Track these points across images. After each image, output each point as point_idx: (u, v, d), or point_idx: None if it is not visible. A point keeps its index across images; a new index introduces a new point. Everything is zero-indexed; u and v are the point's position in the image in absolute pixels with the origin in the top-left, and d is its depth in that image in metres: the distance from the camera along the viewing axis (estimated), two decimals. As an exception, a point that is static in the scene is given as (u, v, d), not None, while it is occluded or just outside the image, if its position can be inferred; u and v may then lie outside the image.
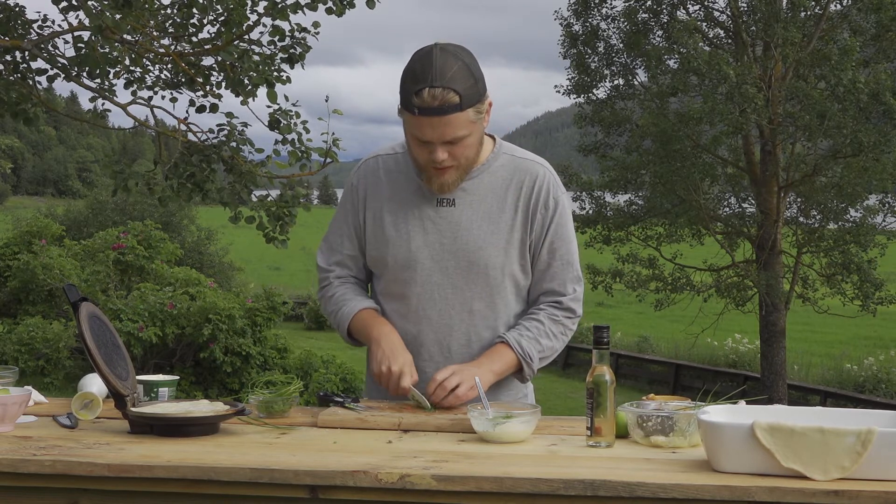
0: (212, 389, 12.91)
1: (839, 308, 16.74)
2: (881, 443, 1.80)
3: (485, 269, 2.51)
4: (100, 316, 2.37)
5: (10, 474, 1.96)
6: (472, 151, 2.46)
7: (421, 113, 2.36)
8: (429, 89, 2.33)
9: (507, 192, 2.54)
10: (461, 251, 2.51)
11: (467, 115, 2.37)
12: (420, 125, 2.38)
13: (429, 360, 2.53)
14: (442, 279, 2.52)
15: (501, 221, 2.52)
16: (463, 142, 2.41)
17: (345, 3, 7.44)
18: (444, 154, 2.41)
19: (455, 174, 2.48)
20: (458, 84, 2.34)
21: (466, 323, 2.53)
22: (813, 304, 16.92)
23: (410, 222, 2.54)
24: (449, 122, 2.36)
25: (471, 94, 2.36)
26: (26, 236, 15.02)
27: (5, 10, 7.23)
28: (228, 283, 23.47)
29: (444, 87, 2.33)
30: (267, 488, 1.90)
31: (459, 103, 2.34)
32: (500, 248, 2.51)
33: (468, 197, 2.53)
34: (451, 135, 2.38)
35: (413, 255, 2.52)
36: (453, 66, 2.35)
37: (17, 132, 52.18)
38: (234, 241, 30.99)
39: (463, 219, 2.52)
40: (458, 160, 2.45)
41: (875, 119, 15.48)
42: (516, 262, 2.54)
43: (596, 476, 1.84)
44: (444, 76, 2.33)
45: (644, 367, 21.98)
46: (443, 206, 2.53)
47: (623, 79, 17.44)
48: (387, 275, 2.58)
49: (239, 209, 7.65)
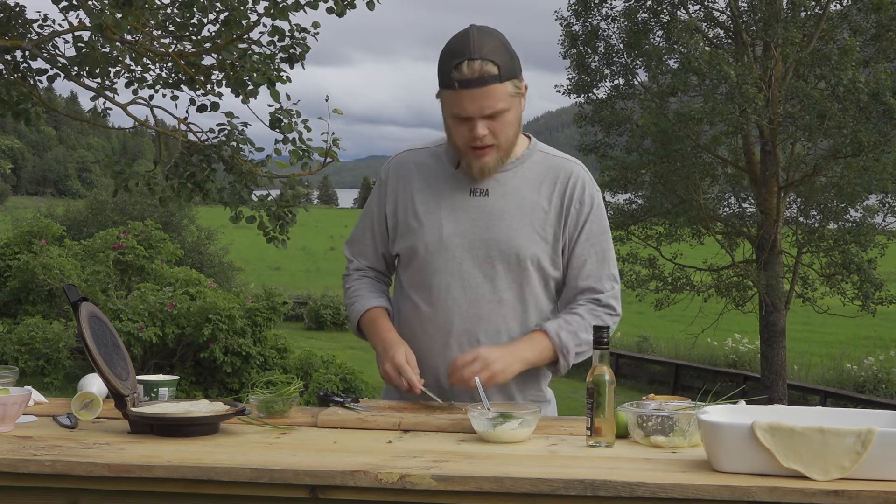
0: (212, 389, 12.92)
1: (839, 308, 16.74)
2: (881, 443, 1.81)
3: (516, 260, 2.50)
4: (100, 316, 2.37)
5: (10, 474, 1.96)
6: (511, 131, 2.46)
7: (461, 86, 2.38)
8: (468, 62, 2.37)
9: (541, 186, 2.54)
10: (493, 240, 2.50)
11: (506, 87, 2.39)
12: (460, 99, 2.40)
13: (457, 349, 2.51)
14: (472, 268, 2.51)
15: (535, 214, 2.52)
16: (503, 117, 2.42)
17: (346, 3, 7.43)
18: (485, 130, 2.42)
19: (495, 155, 2.48)
20: (497, 56, 2.38)
21: (496, 313, 2.51)
22: (813, 304, 16.92)
23: (443, 210, 2.54)
24: (489, 93, 2.38)
25: (509, 66, 2.39)
26: (26, 236, 15.02)
27: (5, 10, 7.22)
28: (228, 283, 23.50)
29: (483, 59, 2.36)
30: (267, 488, 1.90)
31: (499, 74, 2.37)
32: (532, 240, 2.51)
33: (502, 188, 2.53)
34: (492, 107, 2.40)
35: (444, 243, 2.52)
36: (491, 41, 2.39)
37: (17, 132, 52.20)
38: (234, 241, 31.01)
39: (496, 209, 2.51)
40: (499, 138, 2.45)
41: (875, 119, 15.48)
42: (548, 257, 2.53)
43: (596, 476, 1.84)
44: (482, 49, 2.37)
45: (644, 367, 21.99)
46: (476, 195, 2.53)
47: (623, 79, 17.44)
48: (416, 263, 2.57)
49: (239, 209, 7.64)
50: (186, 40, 7.72)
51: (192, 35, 7.68)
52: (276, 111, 7.60)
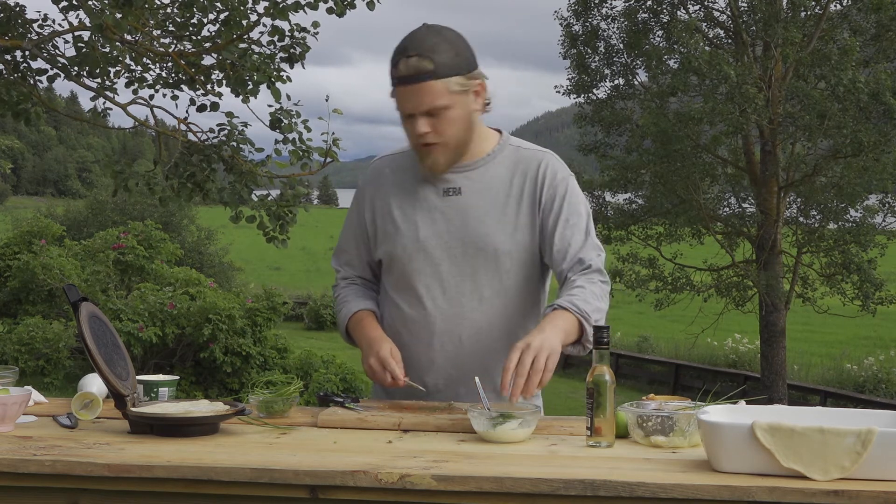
0: (212, 389, 12.91)
1: (839, 308, 16.73)
2: (881, 443, 1.80)
3: (494, 256, 2.50)
4: (100, 316, 2.37)
5: (10, 474, 1.96)
6: (456, 128, 2.45)
7: (398, 83, 2.40)
8: (405, 59, 2.38)
9: (513, 178, 2.54)
10: (469, 238, 2.51)
11: (445, 84, 2.38)
12: (400, 96, 2.42)
13: (440, 349, 2.52)
14: (451, 267, 2.51)
15: (508, 207, 2.52)
16: (444, 114, 2.41)
17: (346, 3, 7.43)
18: (426, 127, 2.42)
19: (443, 153, 2.47)
20: (435, 53, 2.36)
21: (477, 311, 2.52)
22: (813, 304, 16.92)
23: (418, 213, 2.54)
24: (424, 90, 2.38)
25: (449, 63, 2.38)
26: (26, 236, 15.02)
27: (5, 10, 7.22)
28: (228, 283, 23.50)
29: (419, 56, 2.36)
30: (267, 488, 1.90)
31: (433, 70, 2.36)
32: (508, 234, 2.51)
33: (474, 185, 2.53)
34: (429, 104, 2.39)
35: (421, 245, 2.52)
36: (434, 39, 2.38)
37: (17, 132, 52.18)
38: (234, 241, 31.01)
39: (470, 206, 2.52)
40: (443, 136, 2.44)
41: (875, 119, 15.48)
42: (526, 249, 2.52)
43: (596, 476, 1.84)
44: (421, 46, 2.37)
45: (644, 367, 21.98)
46: (449, 195, 2.53)
47: (623, 79, 17.44)
48: (396, 266, 2.57)
49: (239, 209, 7.64)
50: (186, 40, 7.72)
51: (192, 35, 7.68)
52: (276, 111, 7.60)
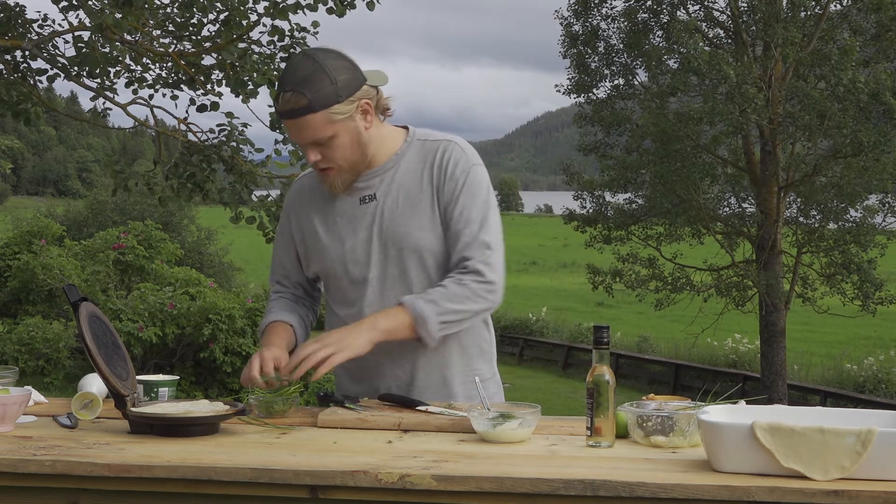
0: (212, 389, 12.90)
1: (839, 308, 16.73)
2: (881, 443, 1.80)
3: (418, 254, 2.50)
4: (100, 316, 2.37)
5: (10, 474, 1.96)
6: (347, 152, 2.45)
7: (282, 117, 2.42)
8: (283, 94, 2.38)
9: (422, 173, 2.53)
10: (391, 241, 2.51)
11: (323, 116, 2.37)
12: (287, 128, 2.45)
13: (387, 357, 2.52)
14: (381, 271, 2.52)
15: (423, 203, 2.51)
16: (332, 143, 2.42)
17: (345, 4, 7.43)
18: (316, 155, 2.44)
19: (338, 175, 2.49)
20: (308, 87, 2.35)
21: None
22: (813, 304, 16.92)
23: (340, 226, 2.55)
24: (304, 124, 2.38)
25: (324, 94, 2.36)
26: (26, 236, 15.03)
27: (5, 10, 7.23)
28: (228, 283, 23.50)
29: (294, 91, 2.35)
30: (267, 488, 1.90)
31: (309, 105, 2.35)
32: (427, 230, 2.50)
33: (387, 188, 2.53)
34: (311, 136, 2.40)
35: (348, 257, 2.53)
36: (307, 69, 2.36)
37: (17, 132, 52.19)
38: (234, 241, 30.98)
39: (386, 210, 2.52)
40: (335, 161, 2.45)
41: (875, 119, 15.48)
42: (444, 242, 2.51)
43: (596, 476, 1.84)
44: (296, 80, 2.36)
45: (644, 367, 21.97)
46: (366, 202, 2.54)
47: (623, 79, 17.45)
48: (331, 281, 2.60)
49: (239, 209, 7.65)
50: (186, 40, 7.72)
51: (192, 35, 7.68)
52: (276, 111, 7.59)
